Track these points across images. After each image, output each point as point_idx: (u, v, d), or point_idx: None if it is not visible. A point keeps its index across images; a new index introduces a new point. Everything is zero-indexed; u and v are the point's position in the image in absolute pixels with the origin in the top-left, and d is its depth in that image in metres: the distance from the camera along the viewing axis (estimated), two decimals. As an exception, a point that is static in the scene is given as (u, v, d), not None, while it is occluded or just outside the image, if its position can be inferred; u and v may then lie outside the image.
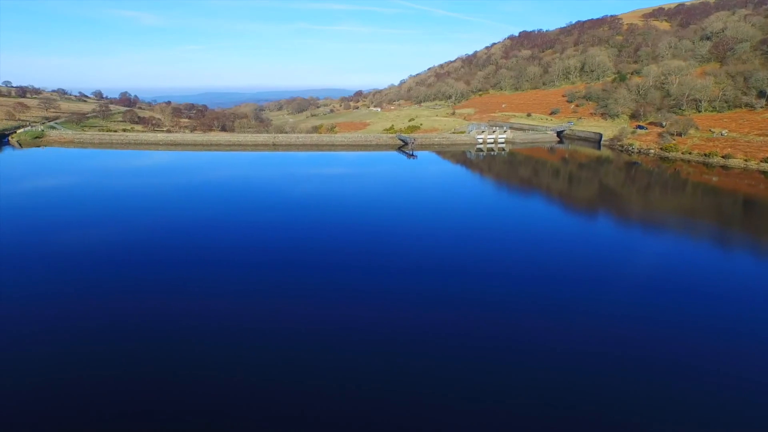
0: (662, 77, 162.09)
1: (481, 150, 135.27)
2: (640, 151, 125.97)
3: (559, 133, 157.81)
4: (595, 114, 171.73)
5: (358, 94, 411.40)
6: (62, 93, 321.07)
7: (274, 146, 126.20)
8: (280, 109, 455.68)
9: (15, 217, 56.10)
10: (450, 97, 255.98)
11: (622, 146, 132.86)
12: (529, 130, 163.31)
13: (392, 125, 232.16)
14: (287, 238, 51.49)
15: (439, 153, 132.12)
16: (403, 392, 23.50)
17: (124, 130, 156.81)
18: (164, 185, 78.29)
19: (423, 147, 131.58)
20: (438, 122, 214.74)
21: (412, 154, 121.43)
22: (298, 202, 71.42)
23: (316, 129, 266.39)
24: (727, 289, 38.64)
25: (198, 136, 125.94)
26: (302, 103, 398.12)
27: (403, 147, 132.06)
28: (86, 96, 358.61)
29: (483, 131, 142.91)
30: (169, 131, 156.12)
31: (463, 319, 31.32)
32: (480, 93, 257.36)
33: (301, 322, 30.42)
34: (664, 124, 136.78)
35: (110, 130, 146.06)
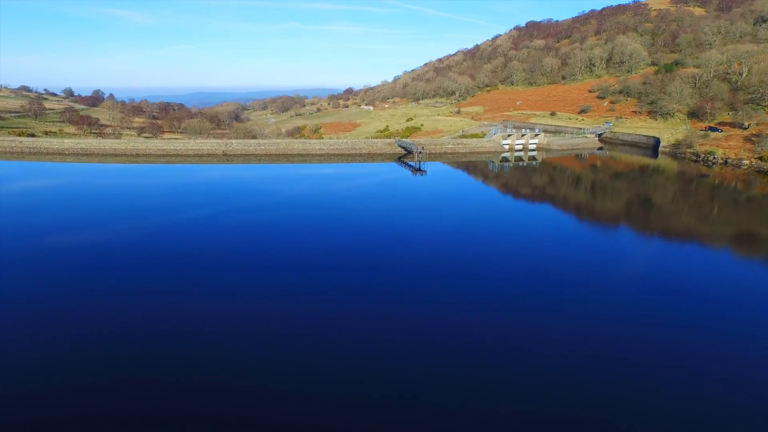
0: (725, 65, 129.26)
1: (506, 160, 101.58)
2: (726, 162, 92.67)
3: (598, 137, 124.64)
4: (639, 112, 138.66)
5: (348, 92, 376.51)
6: (22, 90, 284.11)
7: (226, 157, 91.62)
8: (264, 108, 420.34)
9: None
10: (453, 93, 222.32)
11: (695, 155, 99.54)
12: (563, 132, 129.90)
13: (387, 126, 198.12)
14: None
15: (452, 164, 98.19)
16: (412, 399, 23.37)
17: (46, 133, 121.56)
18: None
19: (431, 156, 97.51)
20: (442, 123, 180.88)
21: (420, 168, 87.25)
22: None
23: (298, 130, 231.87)
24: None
25: (121, 144, 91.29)
26: (286, 102, 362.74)
27: (404, 157, 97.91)
28: (55, 94, 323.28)
29: (509, 135, 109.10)
30: (101, 135, 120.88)
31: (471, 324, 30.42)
32: (488, 88, 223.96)
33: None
34: (746, 124, 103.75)
35: (19, 133, 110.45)
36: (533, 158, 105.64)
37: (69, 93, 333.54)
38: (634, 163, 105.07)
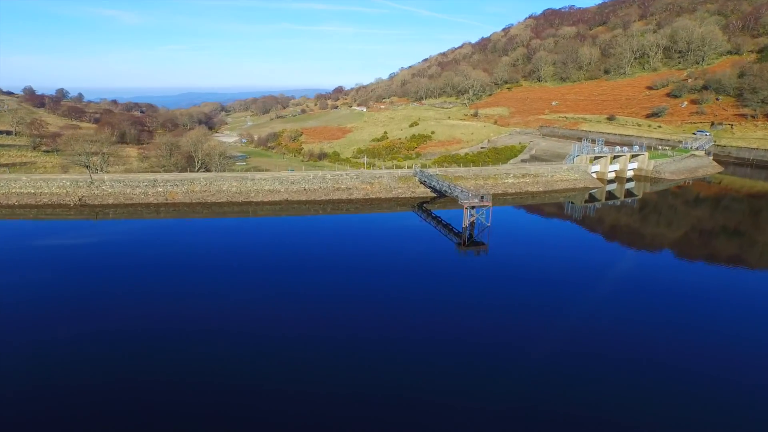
0: None
1: (594, 198, 59.97)
2: None
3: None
4: (750, 116, 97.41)
5: (338, 91, 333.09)
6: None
7: (85, 209, 48.66)
8: (246, 109, 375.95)
9: None
10: (466, 91, 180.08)
11: None
12: (632, 145, 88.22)
13: (385, 133, 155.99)
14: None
15: (507, 204, 56.18)
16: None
17: None
18: None
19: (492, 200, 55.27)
20: (459, 129, 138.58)
21: (473, 239, 44.75)
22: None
23: (274, 137, 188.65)
24: None
25: None
26: (268, 103, 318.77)
27: (431, 202, 55.55)
28: (11, 93, 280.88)
29: (598, 157, 66.75)
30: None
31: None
32: (508, 86, 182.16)
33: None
34: None
35: None
36: (631, 193, 63.93)
37: (30, 92, 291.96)
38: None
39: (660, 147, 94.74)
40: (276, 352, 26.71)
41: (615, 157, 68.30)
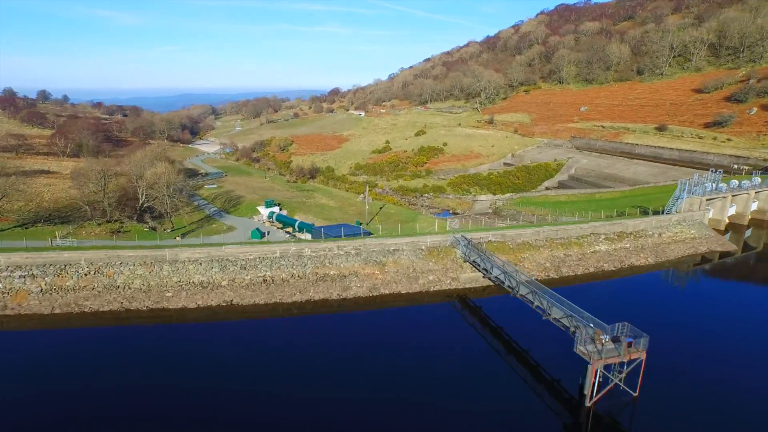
0: None
1: (706, 260, 39.12)
2: None
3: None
4: None
5: (334, 93, 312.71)
6: None
7: None
8: (237, 112, 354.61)
9: None
10: (477, 94, 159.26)
11: None
12: (736, 167, 68.05)
13: (387, 142, 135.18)
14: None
15: (600, 283, 35.59)
16: None
17: None
18: None
19: (571, 279, 33.57)
20: (475, 140, 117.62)
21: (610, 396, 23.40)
22: None
23: (261, 146, 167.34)
24: None
25: None
26: (259, 105, 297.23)
27: (483, 291, 34.21)
28: None
29: (712, 198, 46.01)
30: None
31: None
32: (525, 88, 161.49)
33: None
34: None
35: None
36: (750, 246, 43.41)
37: (10, 93, 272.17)
38: None
39: (736, 166, 74.47)
40: None
41: (733, 195, 47.66)
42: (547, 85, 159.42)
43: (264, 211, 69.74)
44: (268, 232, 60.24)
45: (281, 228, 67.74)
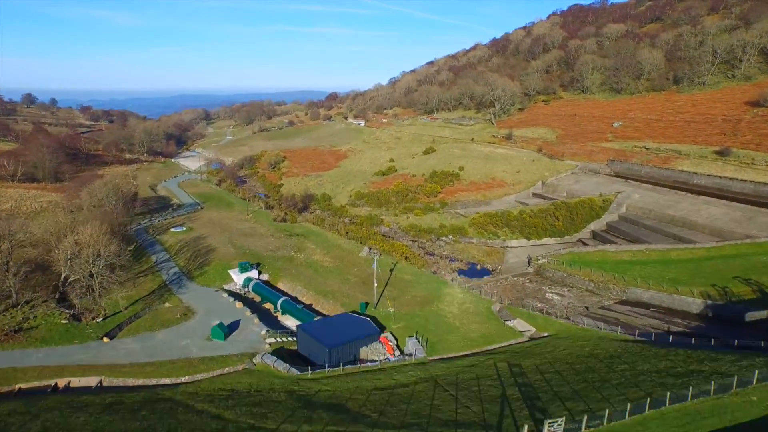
0: None
1: None
2: None
3: None
4: None
5: (332, 99, 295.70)
6: None
7: None
8: (231, 116, 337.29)
9: None
10: (491, 104, 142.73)
11: None
12: None
13: (391, 161, 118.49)
14: None
15: None
16: None
17: None
18: None
19: None
20: (498, 165, 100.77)
21: None
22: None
23: (251, 162, 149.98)
24: None
25: None
26: (252, 111, 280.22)
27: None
28: None
29: None
30: None
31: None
32: (543, 98, 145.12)
33: None
34: None
35: None
36: None
37: None
38: None
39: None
40: None
41: None
42: (569, 95, 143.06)
43: (238, 278, 53.15)
44: (238, 322, 43.07)
45: (260, 301, 51.26)
